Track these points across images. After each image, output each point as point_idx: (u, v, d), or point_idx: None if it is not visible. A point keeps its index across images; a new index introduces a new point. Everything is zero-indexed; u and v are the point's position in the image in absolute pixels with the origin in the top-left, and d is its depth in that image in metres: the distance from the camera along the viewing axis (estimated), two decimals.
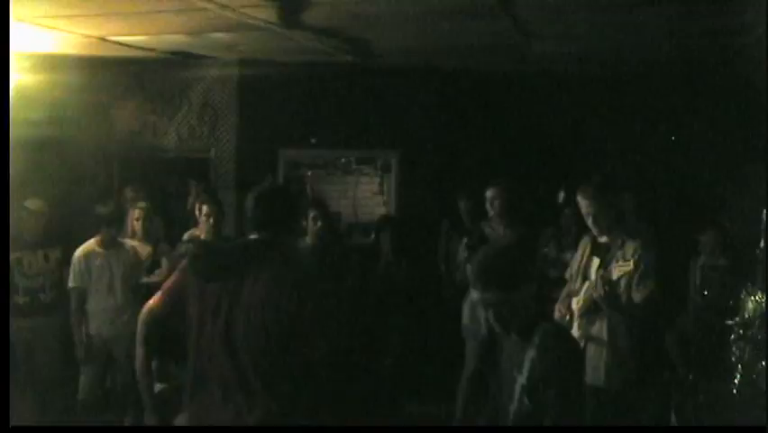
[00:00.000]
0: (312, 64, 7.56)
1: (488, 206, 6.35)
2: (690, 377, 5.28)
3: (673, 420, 5.17)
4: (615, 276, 4.70)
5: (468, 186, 7.07)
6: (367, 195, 8.32)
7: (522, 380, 3.04)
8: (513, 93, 8.11)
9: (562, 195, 6.25)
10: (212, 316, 3.19)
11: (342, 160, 8.27)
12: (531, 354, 3.03)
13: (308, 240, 6.37)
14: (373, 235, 7.54)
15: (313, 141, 8.13)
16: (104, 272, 6.29)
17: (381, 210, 8.13)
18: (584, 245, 5.05)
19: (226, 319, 3.14)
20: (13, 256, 6.13)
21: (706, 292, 6.48)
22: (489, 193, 6.35)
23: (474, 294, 3.14)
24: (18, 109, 6.60)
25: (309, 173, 8.24)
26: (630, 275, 4.69)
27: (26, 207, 6.38)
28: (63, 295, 6.41)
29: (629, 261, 4.70)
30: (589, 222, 4.87)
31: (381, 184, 8.30)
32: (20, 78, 6.64)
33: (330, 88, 8.02)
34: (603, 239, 4.88)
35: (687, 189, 7.74)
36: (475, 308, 6.20)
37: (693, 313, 6.55)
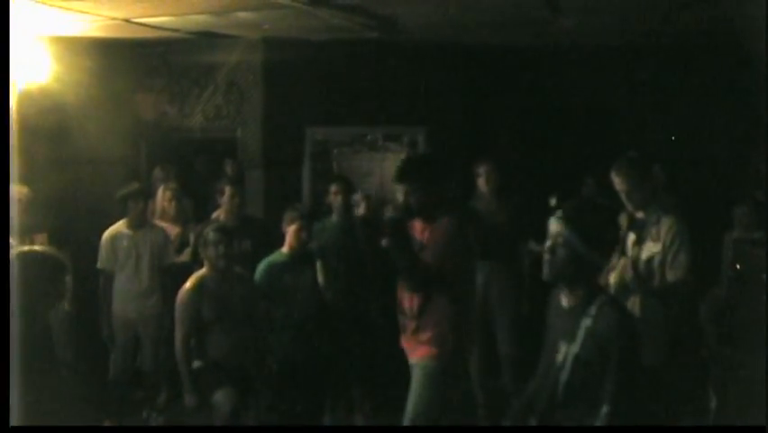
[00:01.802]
0: (337, 42, 7.51)
1: (478, 182, 6.31)
2: (729, 352, 5.22)
3: (711, 396, 5.13)
4: (644, 256, 4.65)
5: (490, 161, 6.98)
6: (394, 171, 8.28)
7: (575, 349, 3.03)
8: (540, 68, 8.04)
9: (553, 200, 6.24)
10: None
11: (369, 137, 8.24)
12: (586, 322, 3.02)
13: (334, 217, 6.38)
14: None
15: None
16: (130, 254, 6.31)
17: None
18: (621, 220, 5.00)
19: None
20: None
21: (739, 266, 6.41)
22: (479, 169, 6.30)
23: (558, 227, 3.10)
24: (46, 93, 6.66)
25: (336, 151, 8.23)
26: (663, 253, 4.64)
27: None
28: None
29: (658, 241, 4.64)
30: (624, 198, 4.82)
31: None
32: (47, 61, 6.65)
33: (356, 66, 7.98)
34: (639, 214, 4.83)
35: (721, 162, 7.65)
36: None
37: (726, 287, 6.48)
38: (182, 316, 5.34)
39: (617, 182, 4.82)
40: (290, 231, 5.83)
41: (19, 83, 6.38)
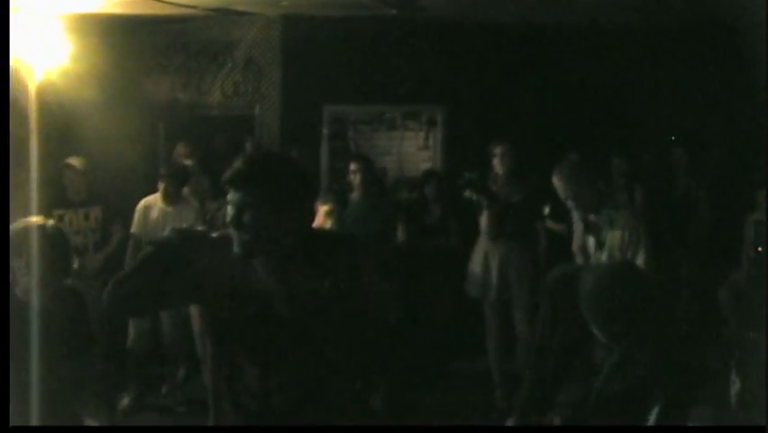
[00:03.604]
0: (356, 19, 7.46)
1: (494, 163, 6.28)
2: (751, 334, 5.18)
3: (734, 378, 5.10)
4: (605, 257, 4.57)
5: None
6: (412, 150, 8.28)
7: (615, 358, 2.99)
8: (561, 46, 7.95)
9: (547, 209, 6.22)
10: None
11: (387, 115, 8.21)
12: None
13: (354, 195, 6.38)
14: (418, 191, 7.51)
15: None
16: (158, 226, 6.35)
17: (426, 165, 8.07)
18: (577, 223, 4.93)
19: None
20: (55, 214, 6.09)
21: (760, 248, 6.36)
22: (495, 150, 6.26)
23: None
24: (65, 71, 6.66)
25: (353, 129, 8.20)
26: (622, 252, 4.54)
27: (69, 163, 6.37)
28: (110, 256, 6.41)
29: (618, 241, 4.55)
30: (569, 204, 4.73)
31: (426, 139, 8.24)
32: (66, 39, 6.63)
33: (375, 43, 7.93)
34: (592, 218, 4.74)
35: (742, 144, 7.57)
36: (488, 262, 6.21)
37: (747, 269, 6.44)
38: None
39: (560, 188, 4.68)
40: (322, 211, 5.78)
41: (38, 62, 6.37)
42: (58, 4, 6.52)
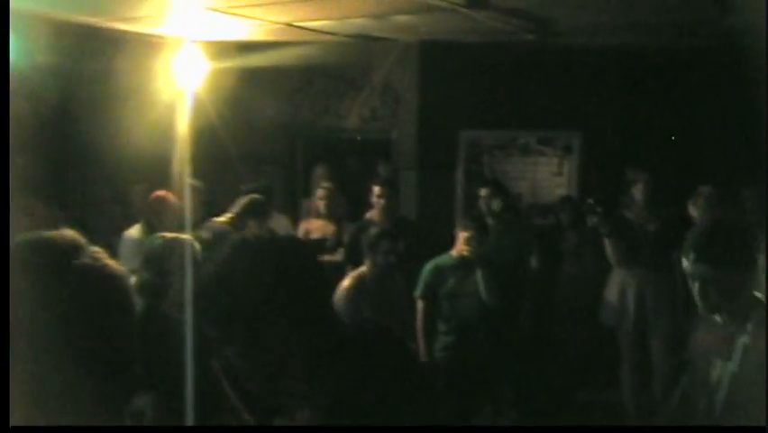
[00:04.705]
0: (493, 44, 7.49)
1: (633, 190, 6.15)
2: None
3: None
4: None
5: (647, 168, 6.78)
6: (546, 176, 8.22)
7: (732, 367, 2.91)
8: (701, 71, 7.74)
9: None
10: None
11: (522, 140, 8.19)
12: (744, 339, 2.90)
13: (489, 221, 6.38)
14: (552, 217, 7.44)
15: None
16: None
17: (561, 191, 8.00)
18: None
19: None
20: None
21: None
22: (635, 176, 6.13)
23: (685, 263, 3.03)
24: (212, 94, 6.97)
25: (488, 154, 8.21)
26: None
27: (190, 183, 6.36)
28: None
29: None
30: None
31: (561, 165, 8.17)
32: (212, 65, 6.94)
33: (511, 68, 7.92)
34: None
35: None
36: (624, 291, 6.07)
37: None
38: (341, 313, 5.39)
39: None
40: (462, 237, 5.75)
41: (186, 86, 6.68)
42: (207, 33, 6.84)
